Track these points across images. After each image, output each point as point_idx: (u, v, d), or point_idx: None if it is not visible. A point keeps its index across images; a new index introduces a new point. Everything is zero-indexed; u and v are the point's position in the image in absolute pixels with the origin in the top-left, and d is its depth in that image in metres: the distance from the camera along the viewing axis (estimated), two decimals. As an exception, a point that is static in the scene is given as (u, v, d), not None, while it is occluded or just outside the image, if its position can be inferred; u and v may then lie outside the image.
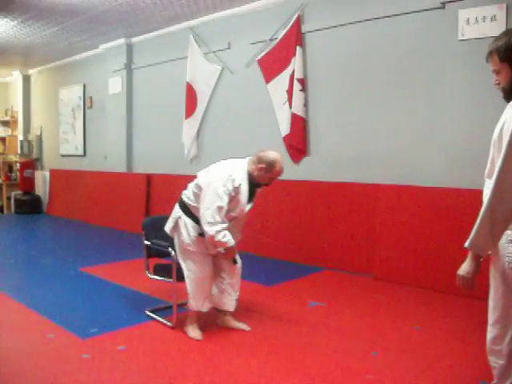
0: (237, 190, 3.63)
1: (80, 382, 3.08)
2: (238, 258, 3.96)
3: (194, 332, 3.80)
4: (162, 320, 4.13)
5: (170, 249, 3.92)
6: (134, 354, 3.49)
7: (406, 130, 5.56)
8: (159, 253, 4.19)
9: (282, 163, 3.79)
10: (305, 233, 6.41)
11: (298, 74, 6.42)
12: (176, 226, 3.87)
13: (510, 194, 2.09)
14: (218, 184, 3.57)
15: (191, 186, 3.86)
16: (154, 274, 4.21)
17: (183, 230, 3.79)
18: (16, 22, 7.91)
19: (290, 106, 6.51)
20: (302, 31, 6.46)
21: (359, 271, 5.78)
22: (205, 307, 3.80)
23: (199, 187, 3.74)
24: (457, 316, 4.35)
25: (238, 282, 4.03)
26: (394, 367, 3.30)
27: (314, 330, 3.99)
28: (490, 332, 2.35)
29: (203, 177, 3.78)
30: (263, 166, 3.70)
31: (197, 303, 3.77)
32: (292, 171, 6.64)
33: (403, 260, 5.40)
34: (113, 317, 4.30)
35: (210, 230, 3.55)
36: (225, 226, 3.60)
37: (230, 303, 3.97)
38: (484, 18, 4.86)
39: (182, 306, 4.12)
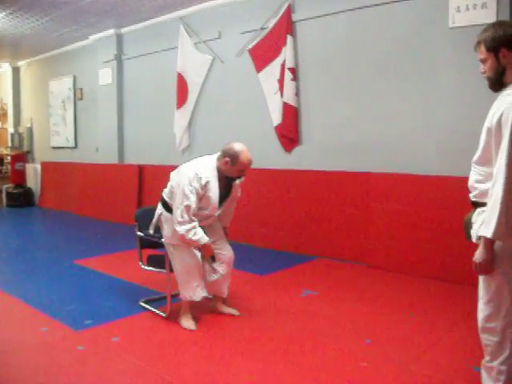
0: (205, 187, 3.67)
1: (75, 374, 3.09)
2: (227, 251, 4.01)
3: (187, 322, 3.81)
4: (155, 311, 4.14)
5: (162, 240, 3.93)
6: (128, 345, 3.50)
7: (398, 118, 5.56)
8: (152, 244, 4.20)
9: (248, 153, 3.77)
10: (298, 222, 6.42)
11: (289, 63, 6.40)
12: (159, 222, 3.94)
13: None
14: (185, 183, 3.62)
15: (168, 184, 3.93)
16: (148, 265, 4.21)
17: (165, 225, 3.87)
18: (4, 13, 7.83)
19: (282, 96, 6.50)
20: (293, 20, 6.43)
21: (353, 259, 5.80)
22: (197, 296, 3.79)
23: (172, 187, 3.84)
24: (450, 303, 4.38)
25: (229, 272, 4.06)
26: (388, 355, 3.32)
27: (307, 319, 4.01)
28: (484, 310, 2.41)
29: (174, 177, 3.87)
30: (227, 159, 3.71)
31: (188, 293, 3.77)
32: (284, 160, 6.65)
33: (396, 248, 5.43)
34: (107, 308, 4.30)
35: (179, 229, 3.61)
36: (194, 224, 3.64)
37: (222, 290, 4.03)
38: (475, 6, 4.86)
39: (176, 296, 4.13)
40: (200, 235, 3.66)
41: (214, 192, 3.74)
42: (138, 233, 4.24)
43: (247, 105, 7.11)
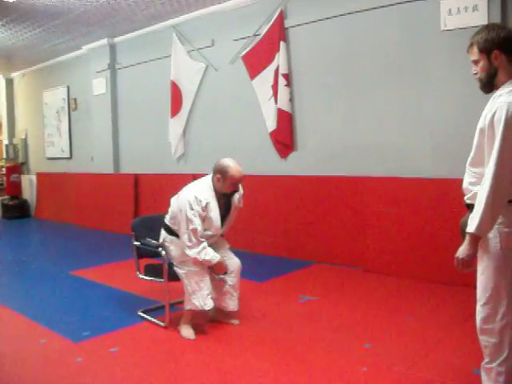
0: (206, 208, 3.73)
1: (74, 386, 3.07)
2: (234, 261, 4.03)
3: (187, 331, 3.80)
4: (154, 320, 4.12)
5: (160, 249, 3.92)
6: (127, 356, 3.49)
7: (393, 122, 5.57)
8: (150, 253, 4.18)
9: (238, 167, 3.78)
10: (294, 228, 6.42)
11: (283, 70, 6.41)
12: (165, 248, 3.94)
13: (505, 183, 2.23)
14: (187, 208, 3.68)
15: (169, 210, 3.98)
16: (145, 275, 4.19)
17: (172, 247, 3.90)
18: (-4, 25, 7.84)
19: (276, 102, 6.51)
20: (286, 26, 6.45)
21: (350, 264, 5.80)
22: (208, 305, 3.76)
23: (173, 212, 3.89)
24: (449, 306, 4.37)
25: (239, 282, 4.05)
26: (388, 358, 3.31)
27: (306, 325, 4.00)
28: (481, 312, 2.43)
29: (174, 203, 3.92)
30: (218, 176, 3.77)
31: (199, 301, 3.72)
32: (280, 166, 6.65)
33: (393, 251, 5.42)
34: (105, 319, 4.28)
35: (190, 253, 3.68)
36: (204, 245, 3.71)
37: (233, 303, 4.01)
38: (466, 8, 4.88)
39: (175, 305, 4.12)
40: (212, 254, 3.72)
41: (215, 212, 3.80)
42: (135, 242, 4.22)
43: (242, 112, 7.11)
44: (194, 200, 3.68)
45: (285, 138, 6.51)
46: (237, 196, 3.99)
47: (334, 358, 3.34)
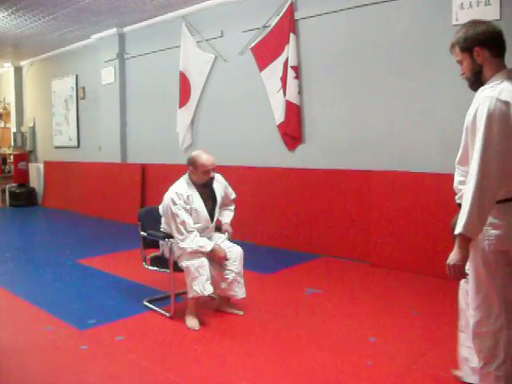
0: (188, 201, 3.86)
1: (79, 374, 3.09)
2: (236, 248, 4.05)
3: (191, 322, 3.81)
4: (159, 310, 4.13)
5: (166, 239, 3.93)
6: (132, 345, 3.50)
7: (401, 116, 5.55)
8: (156, 243, 4.19)
9: (206, 154, 3.96)
10: (301, 220, 6.41)
11: (292, 62, 6.39)
12: (168, 250, 3.97)
13: (491, 180, 2.17)
14: (171, 205, 3.82)
15: (162, 220, 4.11)
16: (151, 265, 4.21)
17: (175, 249, 3.92)
18: (6, 13, 7.83)
19: (285, 94, 6.48)
20: (296, 18, 6.42)
21: (356, 258, 5.79)
22: (207, 290, 3.75)
23: (164, 217, 4.03)
24: (454, 301, 4.34)
25: (242, 268, 4.06)
26: (393, 353, 3.31)
27: (311, 317, 4.01)
28: (474, 316, 2.40)
29: (161, 208, 4.06)
30: (191, 167, 3.94)
31: (199, 287, 3.72)
32: (287, 159, 6.64)
33: (399, 246, 5.41)
34: (111, 308, 4.30)
35: (183, 244, 3.78)
36: (195, 233, 3.82)
37: (241, 291, 4.04)
38: (478, 3, 4.83)
39: (180, 295, 4.13)
40: (205, 241, 3.82)
41: (199, 204, 3.93)
42: (142, 233, 4.23)
43: (250, 103, 7.09)
44: (176, 195, 3.83)
45: (293, 130, 6.49)
46: (220, 187, 4.12)
47: (339, 352, 3.34)
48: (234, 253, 4.00)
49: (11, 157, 12.04)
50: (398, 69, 5.55)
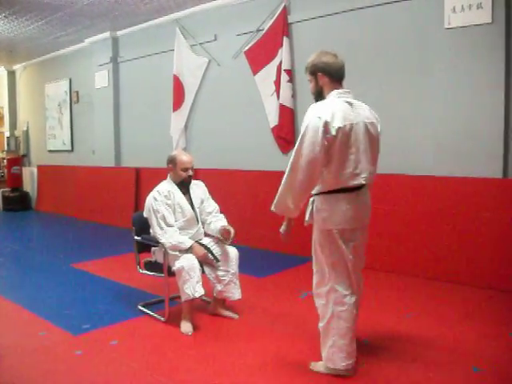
0: (170, 196, 3.99)
1: (74, 379, 3.08)
2: (231, 249, 4.10)
3: (185, 326, 3.80)
4: (154, 314, 4.13)
5: (160, 244, 3.92)
6: (126, 349, 3.49)
7: (396, 118, 5.56)
8: (150, 247, 4.18)
9: (184, 152, 4.23)
10: (296, 223, 6.38)
11: (286, 65, 6.41)
12: (161, 255, 3.97)
13: (299, 172, 2.92)
14: (152, 202, 3.96)
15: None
16: (145, 269, 4.20)
17: (170, 256, 3.90)
18: (-1, 17, 7.83)
19: (278, 97, 6.50)
20: (289, 21, 6.44)
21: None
22: (198, 292, 3.74)
23: (149, 222, 4.04)
24: (447, 303, 4.38)
25: (237, 269, 4.08)
26: (386, 355, 3.32)
27: (305, 321, 3.99)
28: (314, 279, 3.11)
29: (144, 211, 4.11)
30: (170, 165, 4.10)
31: (190, 289, 3.71)
32: (281, 162, 6.60)
33: (392, 248, 5.42)
34: (105, 312, 4.29)
35: (163, 240, 3.86)
36: (174, 229, 3.90)
37: (237, 292, 4.05)
38: (470, 6, 4.86)
39: (174, 299, 4.13)
40: (185, 238, 3.89)
41: (181, 198, 4.03)
42: (136, 237, 4.23)
43: (244, 107, 7.10)
44: (156, 193, 3.98)
45: (286, 133, 6.51)
46: (198, 190, 4.21)
47: (333, 355, 3.34)
48: (229, 254, 4.02)
49: (5, 161, 11.98)
50: (392, 72, 5.57)
